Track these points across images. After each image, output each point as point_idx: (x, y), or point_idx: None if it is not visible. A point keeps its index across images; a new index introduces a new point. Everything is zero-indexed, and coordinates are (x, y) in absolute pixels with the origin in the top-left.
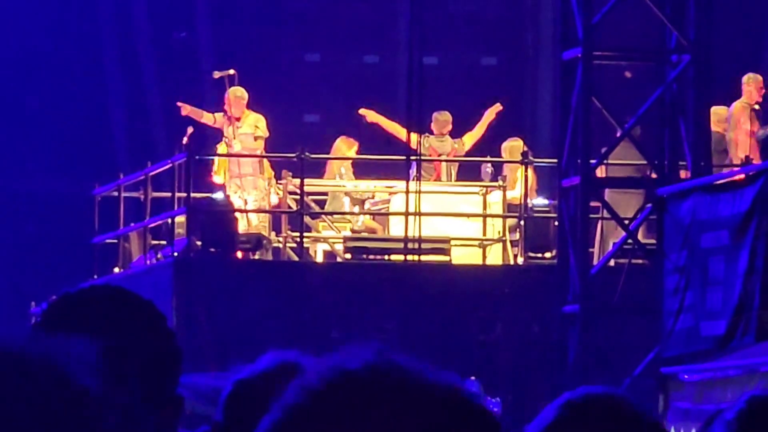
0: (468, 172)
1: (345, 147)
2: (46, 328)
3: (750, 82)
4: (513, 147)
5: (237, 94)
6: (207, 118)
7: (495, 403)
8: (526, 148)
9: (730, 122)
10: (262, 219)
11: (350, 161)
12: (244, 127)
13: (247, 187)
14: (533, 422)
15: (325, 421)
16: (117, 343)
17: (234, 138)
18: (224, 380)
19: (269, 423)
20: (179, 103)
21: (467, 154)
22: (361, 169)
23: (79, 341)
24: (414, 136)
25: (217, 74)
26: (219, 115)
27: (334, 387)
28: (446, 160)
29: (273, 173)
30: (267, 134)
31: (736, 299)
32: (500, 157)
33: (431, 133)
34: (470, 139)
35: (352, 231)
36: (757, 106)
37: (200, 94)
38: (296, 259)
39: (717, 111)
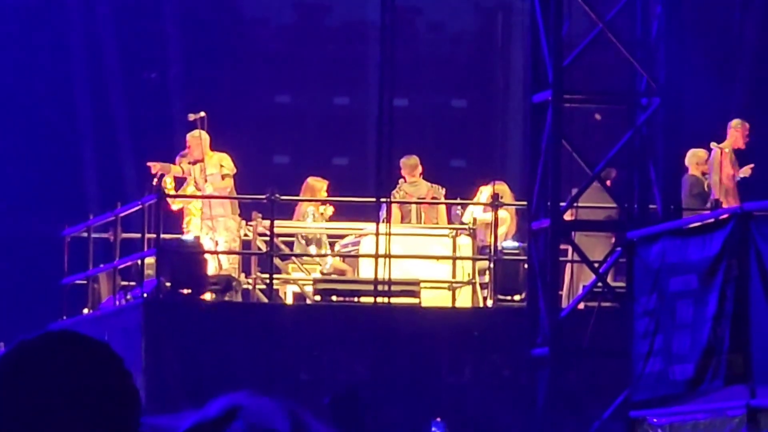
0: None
1: (318, 186)
2: (1, 377)
3: (738, 127)
4: (502, 190)
5: (195, 135)
6: (175, 170)
7: None
8: (501, 195)
9: (713, 166)
10: (232, 261)
11: (320, 202)
12: (210, 168)
13: (218, 228)
14: None
15: None
16: (73, 388)
17: (206, 182)
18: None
19: None
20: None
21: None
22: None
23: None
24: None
25: (191, 117)
26: (185, 165)
27: None
28: (416, 203)
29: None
30: (234, 170)
31: (704, 343)
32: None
33: (403, 178)
34: None
35: (322, 273)
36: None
37: (170, 135)
38: (266, 300)
39: (697, 153)
